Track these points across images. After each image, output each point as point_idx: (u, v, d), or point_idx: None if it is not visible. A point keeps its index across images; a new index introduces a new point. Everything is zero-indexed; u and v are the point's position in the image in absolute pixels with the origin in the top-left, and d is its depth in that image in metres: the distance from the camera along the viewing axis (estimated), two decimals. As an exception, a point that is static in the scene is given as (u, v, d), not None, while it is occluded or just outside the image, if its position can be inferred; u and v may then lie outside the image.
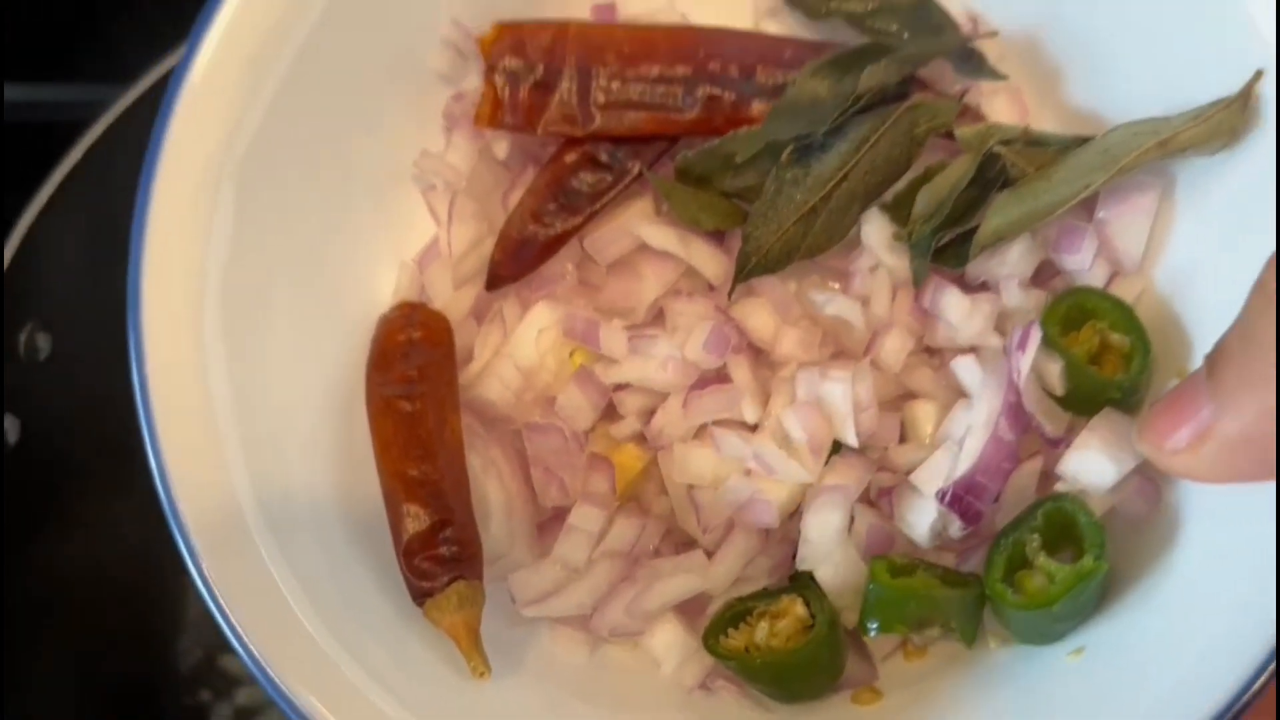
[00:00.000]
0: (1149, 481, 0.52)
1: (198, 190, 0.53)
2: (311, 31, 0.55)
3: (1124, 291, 0.55)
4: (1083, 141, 0.55)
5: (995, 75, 0.58)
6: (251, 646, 0.50)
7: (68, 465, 0.77)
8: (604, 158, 0.60)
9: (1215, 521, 0.49)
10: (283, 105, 0.55)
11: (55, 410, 0.76)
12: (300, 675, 0.50)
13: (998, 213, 0.55)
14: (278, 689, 0.49)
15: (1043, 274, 0.57)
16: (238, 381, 0.54)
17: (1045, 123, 0.58)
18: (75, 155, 0.73)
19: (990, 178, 0.56)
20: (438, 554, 0.53)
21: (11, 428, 0.73)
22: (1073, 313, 0.54)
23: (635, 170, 0.60)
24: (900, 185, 0.58)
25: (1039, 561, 0.51)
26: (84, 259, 0.75)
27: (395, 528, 0.54)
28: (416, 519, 0.54)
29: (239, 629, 0.49)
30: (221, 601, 0.50)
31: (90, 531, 0.79)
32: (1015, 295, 0.56)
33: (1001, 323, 0.56)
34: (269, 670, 0.50)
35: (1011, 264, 0.56)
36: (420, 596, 0.53)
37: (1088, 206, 0.56)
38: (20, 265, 0.72)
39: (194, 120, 0.53)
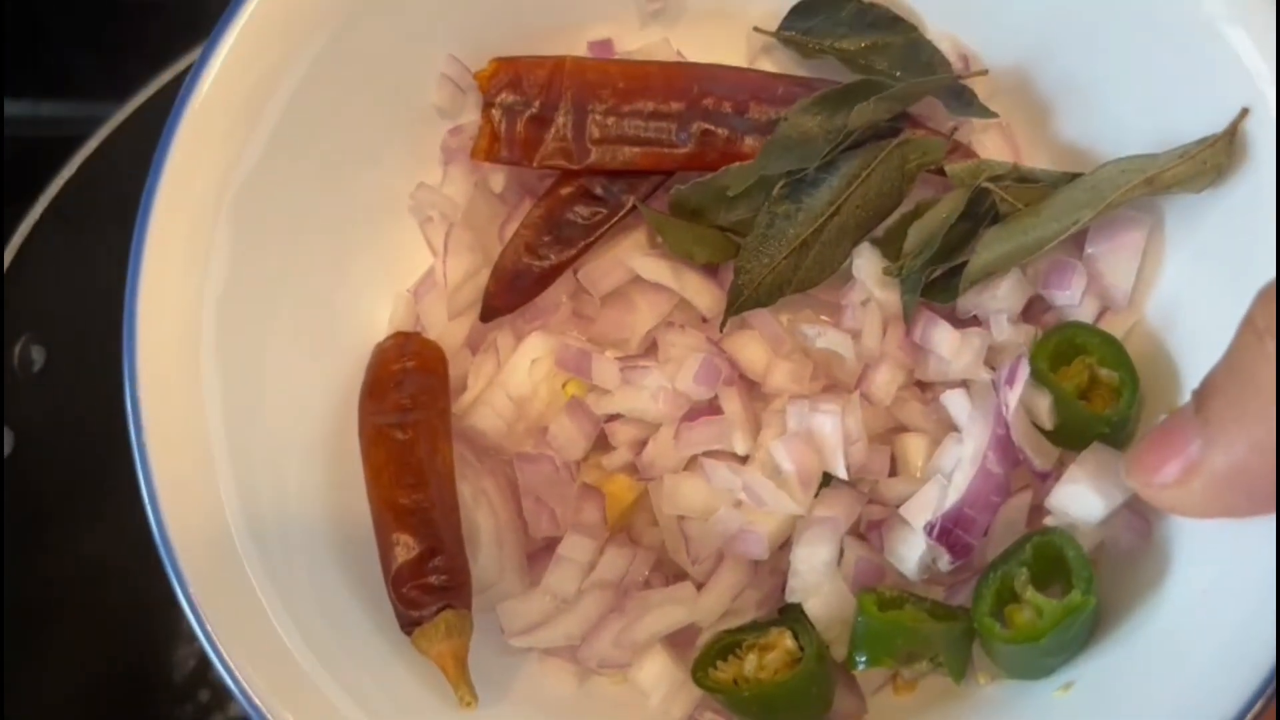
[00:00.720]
0: (1138, 516, 0.52)
1: (195, 222, 0.54)
2: (311, 65, 0.56)
3: (1114, 327, 0.56)
4: (1072, 178, 0.56)
5: (986, 113, 0.59)
6: (237, 673, 0.50)
7: (62, 477, 0.77)
8: (599, 191, 0.60)
9: (1205, 556, 0.49)
10: (281, 138, 0.56)
11: (49, 422, 0.76)
12: (287, 703, 0.50)
13: (987, 248, 0.55)
14: (263, 717, 0.49)
15: (1033, 309, 0.58)
16: (232, 411, 0.54)
17: (1036, 159, 0.59)
18: (71, 170, 0.73)
19: (980, 213, 0.56)
20: (427, 583, 0.53)
21: (6, 440, 0.73)
22: (1062, 347, 0.55)
23: (629, 204, 0.60)
24: (891, 220, 0.58)
25: (1027, 595, 0.50)
26: (79, 272, 0.75)
27: (385, 556, 0.54)
28: (406, 547, 0.54)
29: (225, 656, 0.49)
30: (209, 628, 0.50)
31: (84, 543, 0.79)
32: (1005, 330, 0.56)
33: (992, 357, 0.57)
34: (255, 698, 0.49)
35: (1001, 299, 0.56)
36: (408, 625, 0.53)
37: (1077, 242, 0.56)
38: (15, 278, 0.72)
39: (193, 152, 0.53)
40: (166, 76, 0.74)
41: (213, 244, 0.54)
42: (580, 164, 0.60)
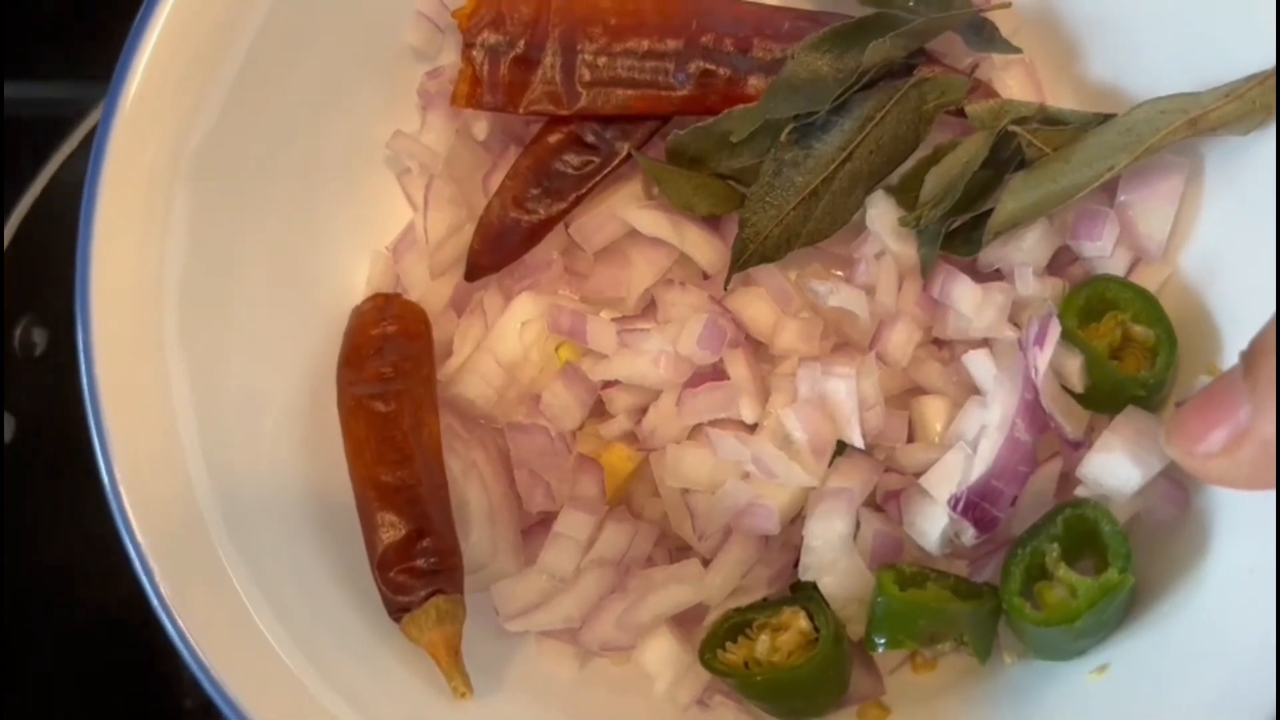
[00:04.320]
0: (1176, 486, 0.49)
1: (151, 186, 0.49)
2: (273, 5, 0.51)
3: (1147, 280, 0.52)
4: (1104, 120, 0.51)
5: (1009, 48, 0.54)
6: (212, 670, 0.46)
7: (64, 462, 0.71)
8: (590, 138, 0.56)
9: (1250, 532, 0.46)
10: (242, 87, 0.51)
11: (51, 406, 0.71)
12: (266, 699, 0.46)
13: (1012, 196, 0.51)
14: (240, 714, 0.46)
15: (1060, 261, 0.54)
16: (199, 387, 0.51)
17: (1062, 100, 0.55)
18: (69, 149, 0.71)
19: (1004, 159, 0.52)
20: (415, 566, 0.49)
21: (7, 425, 0.70)
22: (1092, 303, 0.51)
23: (624, 151, 0.56)
24: (907, 166, 0.54)
25: (1059, 573, 0.47)
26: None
27: (369, 538, 0.50)
28: (392, 528, 0.50)
29: (197, 650, 0.46)
30: (180, 623, 0.47)
31: (88, 528, 0.75)
32: (1030, 284, 0.52)
33: (1016, 313, 0.53)
34: (231, 695, 0.46)
35: (1026, 251, 0.52)
36: (397, 612, 0.49)
37: (1109, 189, 0.52)
38: (16, 260, 0.70)
39: (144, 109, 0.49)
40: None
41: (169, 217, 0.50)
42: (570, 109, 0.55)
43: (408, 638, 0.49)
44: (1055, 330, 0.49)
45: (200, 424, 0.50)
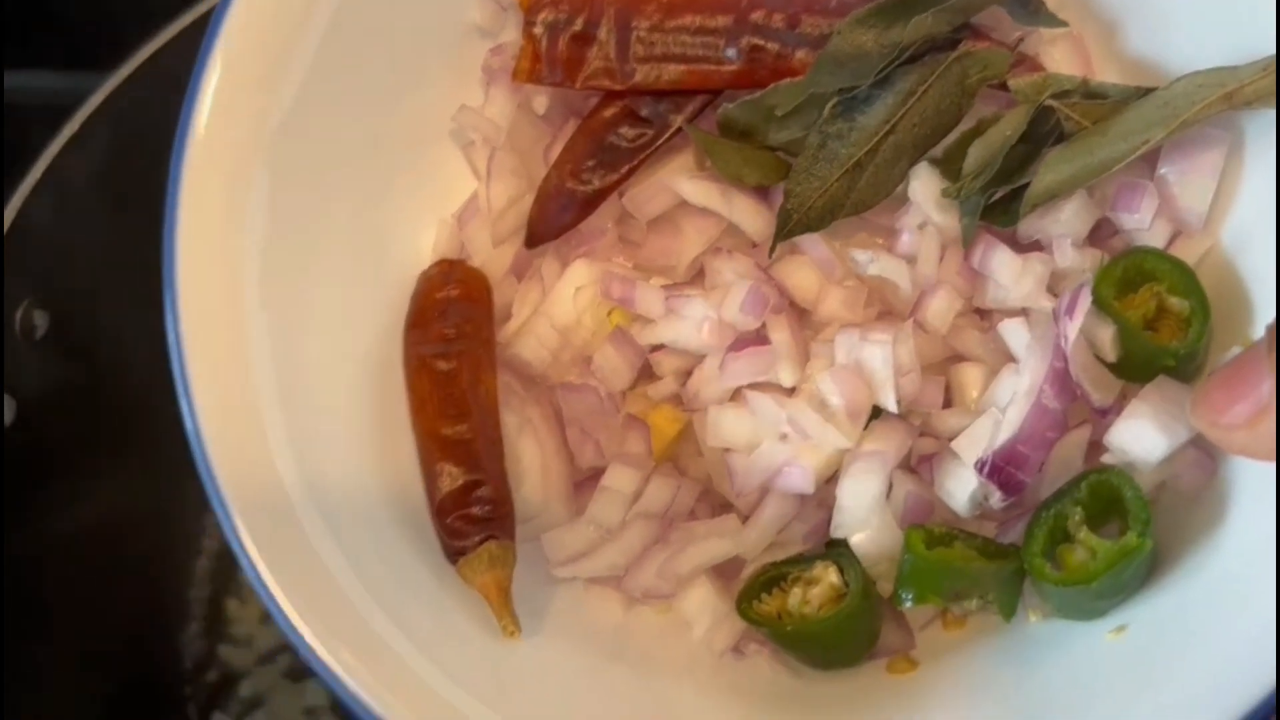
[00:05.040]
0: (1204, 455, 0.50)
1: (233, 166, 0.53)
2: (346, -8, 0.55)
3: (1186, 253, 0.53)
4: (1144, 93, 0.52)
5: (1055, 22, 0.55)
6: (285, 607, 0.50)
7: (65, 446, 0.74)
8: (644, 112, 0.58)
9: (1270, 500, 0.46)
10: (318, 69, 0.54)
11: (52, 389, 0.74)
12: (332, 632, 0.50)
13: (1051, 168, 0.52)
14: (305, 644, 0.50)
15: (1099, 233, 0.55)
16: (279, 348, 0.54)
17: (1106, 74, 0.55)
18: (72, 129, 0.71)
19: (1044, 132, 0.53)
20: (470, 513, 0.53)
21: (8, 407, 0.71)
22: (1129, 274, 0.52)
23: (676, 124, 0.58)
24: (950, 139, 0.55)
25: (1081, 536, 0.49)
26: (82, 235, 0.73)
27: (429, 486, 0.54)
28: (450, 478, 0.54)
29: (268, 583, 0.50)
30: (255, 561, 0.50)
31: (88, 513, 0.77)
32: (1069, 255, 0.53)
33: (1055, 284, 0.54)
34: (297, 625, 0.50)
35: (1065, 222, 0.53)
36: (453, 555, 0.53)
37: (1149, 162, 0.53)
38: (16, 242, 0.70)
39: (227, 88, 0.52)
40: (161, 40, 0.73)
41: (251, 187, 0.53)
42: (624, 84, 0.58)
43: (462, 579, 0.52)
44: (1085, 300, 0.50)
45: (279, 382, 0.54)
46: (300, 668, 0.78)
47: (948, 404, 0.55)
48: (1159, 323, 0.51)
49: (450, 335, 0.57)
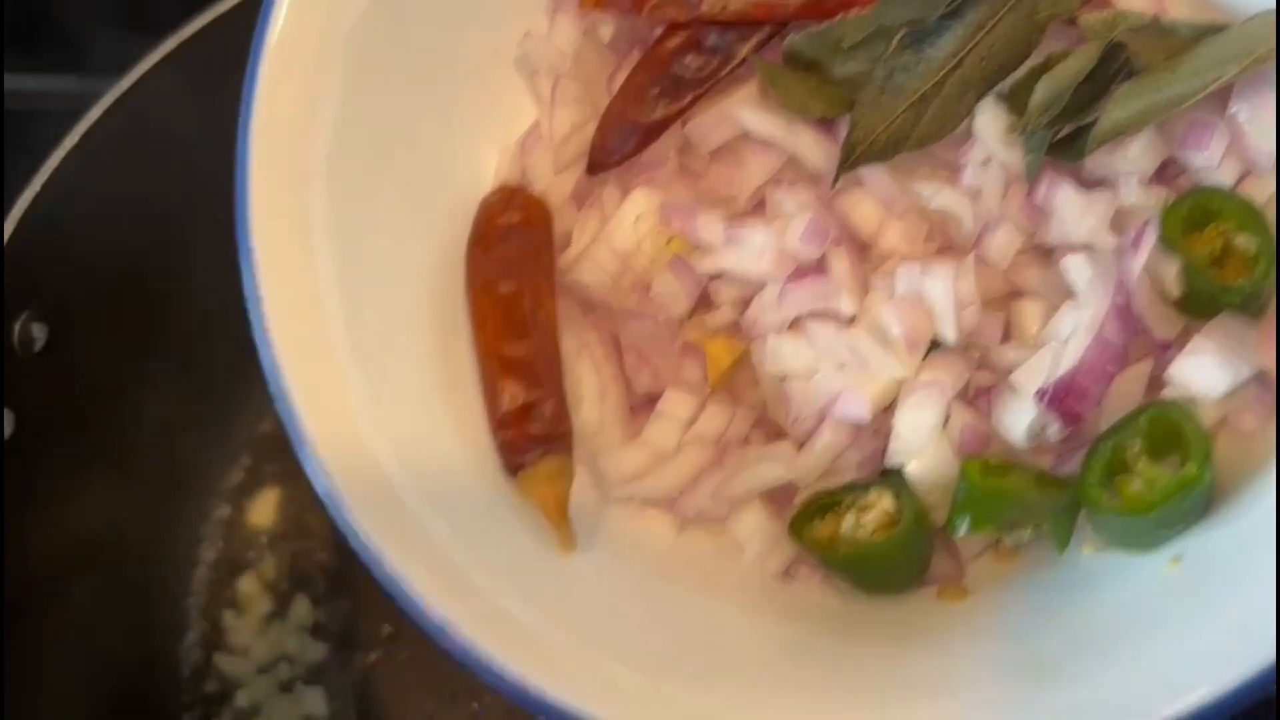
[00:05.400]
0: (1264, 392, 0.50)
1: (305, 76, 0.53)
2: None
3: (1255, 192, 0.52)
4: (1217, 30, 0.52)
5: (1128, -42, 0.55)
6: (347, 511, 0.51)
7: (63, 458, 0.74)
8: (710, 42, 0.58)
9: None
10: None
11: (51, 403, 0.73)
12: (393, 541, 0.51)
13: (1120, 105, 0.52)
14: (371, 554, 0.50)
15: (1166, 172, 0.55)
16: (345, 265, 0.55)
17: (1178, 10, 0.55)
18: (72, 141, 0.71)
19: (1114, 68, 0.53)
20: (530, 430, 0.54)
21: (6, 420, 0.70)
22: (1195, 213, 0.52)
23: (741, 55, 0.58)
24: (1018, 74, 0.55)
25: (1139, 467, 0.49)
26: (82, 248, 0.72)
27: (490, 404, 0.55)
28: (511, 396, 0.55)
29: (338, 494, 0.50)
30: (322, 465, 0.51)
31: (87, 526, 0.76)
32: (1134, 193, 0.53)
33: (1118, 221, 0.54)
34: (360, 529, 0.51)
35: (1132, 160, 0.53)
36: (512, 470, 0.54)
37: (1220, 100, 0.52)
38: (16, 254, 0.69)
39: (297, 9, 0.53)
40: (166, 48, 0.73)
41: (321, 103, 0.54)
42: (691, 14, 0.58)
43: (520, 494, 0.53)
44: (1151, 235, 0.50)
45: (345, 296, 0.55)
46: (297, 678, 0.79)
47: (1007, 339, 0.55)
48: (1224, 260, 0.51)
49: (511, 259, 0.58)
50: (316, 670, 0.79)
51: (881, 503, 0.53)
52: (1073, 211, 0.54)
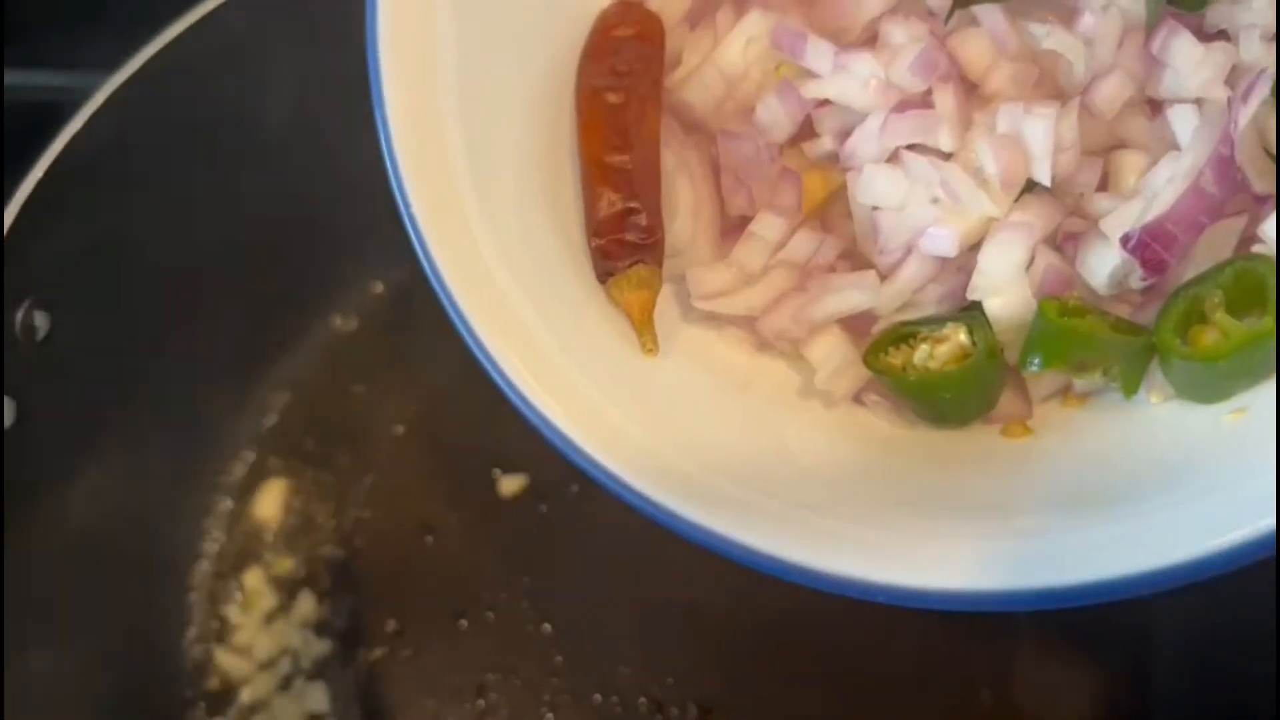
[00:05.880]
0: (1359, 255, 0.50)
1: None
2: None
3: (1381, 54, 0.51)
4: (1369, -122, 0.50)
5: None
6: (451, 292, 0.54)
7: (65, 449, 0.74)
8: None
9: None
10: None
11: (53, 392, 0.73)
12: (490, 322, 0.54)
13: (1253, -47, 0.51)
14: (473, 334, 0.53)
15: (1293, 28, 0.53)
16: (466, 54, 0.57)
17: None
18: (74, 128, 0.71)
19: (1252, -86, 0.51)
20: (623, 238, 0.56)
21: (7, 409, 0.70)
22: (1315, 70, 0.51)
23: (868, -117, 0.58)
24: (1150, -82, 0.54)
25: (1217, 317, 0.49)
26: (84, 236, 0.73)
27: (588, 209, 0.58)
28: (609, 203, 0.57)
29: (440, 271, 0.54)
30: (431, 252, 0.54)
31: (88, 517, 0.76)
32: (1255, 47, 0.52)
33: (1234, 77, 0.53)
34: (467, 319, 0.54)
35: (1258, 11, 0.52)
36: (604, 275, 0.57)
37: (1358, -45, 0.51)
38: (17, 242, 0.69)
39: None
40: (165, 39, 0.73)
41: None
42: None
43: (610, 298, 0.56)
44: (1265, 87, 0.49)
45: (461, 90, 0.57)
46: (302, 673, 0.80)
47: (1102, 189, 0.55)
48: (1338, 121, 0.50)
49: (622, 70, 0.59)
50: (320, 666, 0.80)
51: (956, 336, 0.54)
52: (1189, 63, 0.53)
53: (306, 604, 0.82)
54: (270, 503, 0.84)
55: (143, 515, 0.80)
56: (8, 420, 0.70)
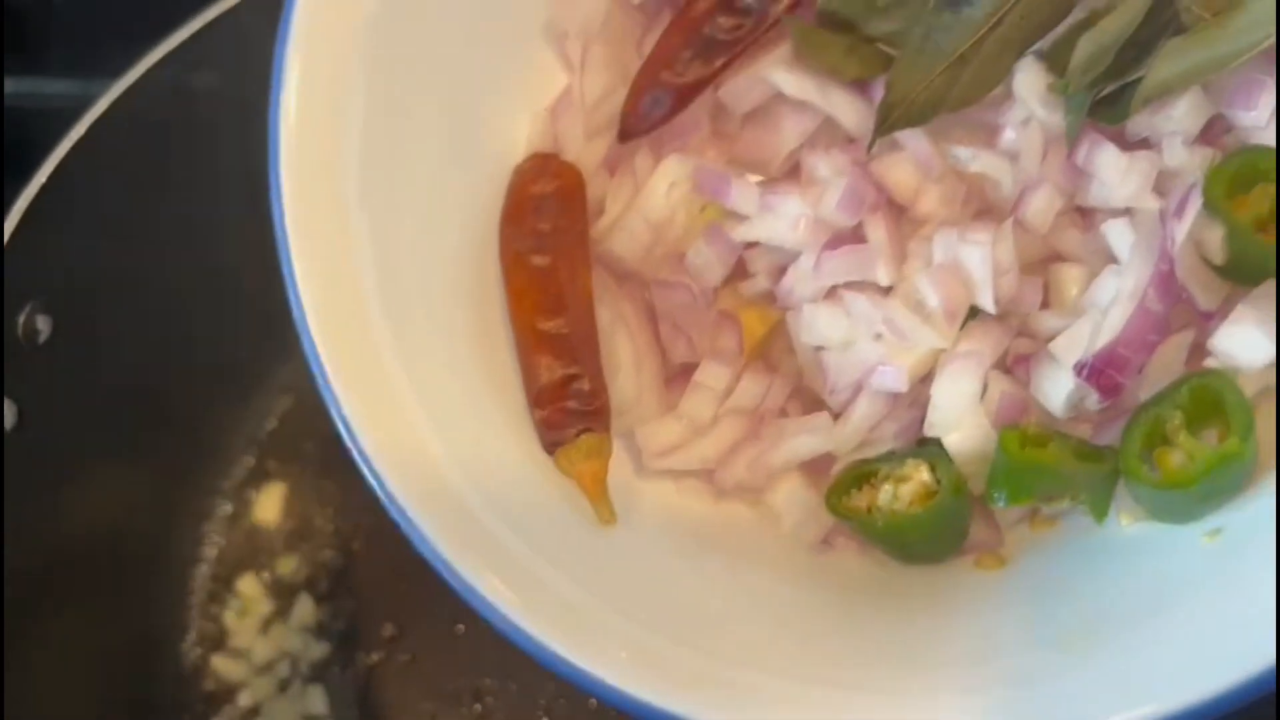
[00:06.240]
0: (1311, 360, 0.49)
1: (332, 54, 0.53)
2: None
3: (1304, 152, 0.51)
4: (1270, -16, 0.50)
5: (1176, -94, 0.52)
6: (386, 483, 0.51)
7: (65, 452, 0.74)
8: (742, 3, 0.57)
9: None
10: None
11: (54, 395, 0.73)
12: (433, 514, 0.51)
13: (1166, 62, 0.51)
14: (413, 526, 0.51)
15: (1212, 130, 0.53)
16: (379, 239, 0.54)
17: (1229, -39, 0.53)
18: (76, 135, 0.71)
19: (1160, 24, 0.51)
20: (567, 406, 0.54)
21: (9, 413, 0.70)
22: (1243, 174, 0.50)
23: (775, 16, 0.57)
24: (1059, 31, 0.53)
25: (1180, 439, 0.49)
26: (85, 241, 0.72)
27: (527, 379, 0.56)
28: (548, 371, 0.55)
29: (378, 469, 0.51)
30: (361, 440, 0.52)
31: (88, 521, 0.76)
32: (1179, 154, 0.52)
33: (1162, 183, 0.53)
34: (400, 500, 0.51)
35: (1177, 120, 0.52)
36: (550, 446, 0.54)
37: (1270, 57, 0.51)
38: (20, 245, 0.69)
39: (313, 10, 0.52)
40: (168, 46, 0.73)
41: (349, 74, 0.53)
42: (722, -27, 0.57)
43: (559, 469, 0.54)
44: (1196, 202, 0.49)
45: (380, 275, 0.55)
46: (300, 677, 0.80)
47: (1046, 304, 0.54)
48: (1271, 225, 0.50)
49: (545, 231, 0.57)
50: (318, 670, 0.79)
51: (919, 474, 0.53)
52: (1114, 173, 0.52)
53: (305, 608, 0.81)
54: (270, 507, 0.84)
55: (142, 519, 0.80)
56: (8, 423, 0.70)
